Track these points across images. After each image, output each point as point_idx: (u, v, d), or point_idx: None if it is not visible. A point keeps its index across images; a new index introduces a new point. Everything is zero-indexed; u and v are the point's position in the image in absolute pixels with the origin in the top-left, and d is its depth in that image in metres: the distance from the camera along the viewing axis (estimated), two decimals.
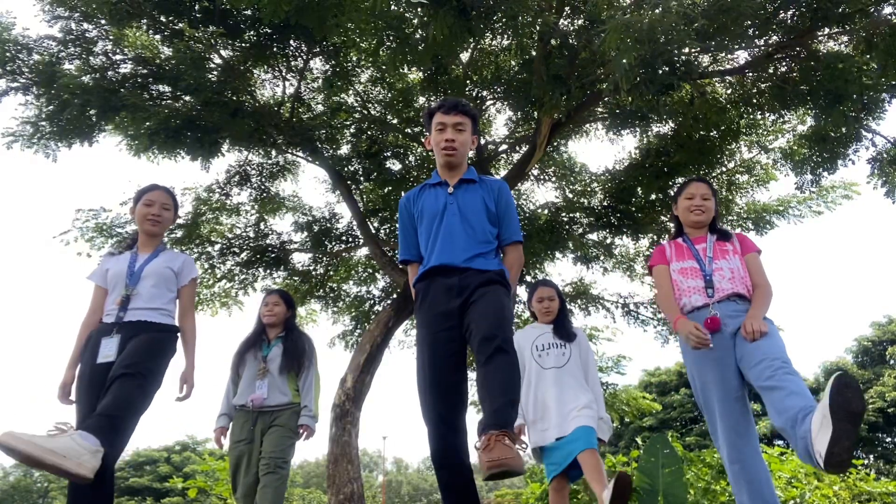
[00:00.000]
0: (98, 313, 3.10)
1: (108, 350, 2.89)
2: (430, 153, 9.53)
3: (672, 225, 10.07)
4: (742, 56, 7.38)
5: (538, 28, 6.11)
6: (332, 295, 10.75)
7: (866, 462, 25.18)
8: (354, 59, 8.34)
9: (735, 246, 3.04)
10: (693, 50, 6.06)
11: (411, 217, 2.75)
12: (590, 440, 3.32)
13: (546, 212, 9.78)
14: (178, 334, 3.13)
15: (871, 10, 5.88)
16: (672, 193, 9.05)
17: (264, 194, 9.76)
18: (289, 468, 3.85)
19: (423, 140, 3.48)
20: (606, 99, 7.66)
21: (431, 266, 2.56)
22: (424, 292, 2.56)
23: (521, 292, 9.76)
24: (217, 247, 9.33)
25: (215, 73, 7.50)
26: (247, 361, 3.98)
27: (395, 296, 9.43)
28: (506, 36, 7.11)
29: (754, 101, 7.59)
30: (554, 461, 3.42)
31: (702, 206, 3.07)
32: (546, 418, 3.51)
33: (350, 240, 10.26)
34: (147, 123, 6.98)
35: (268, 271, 9.88)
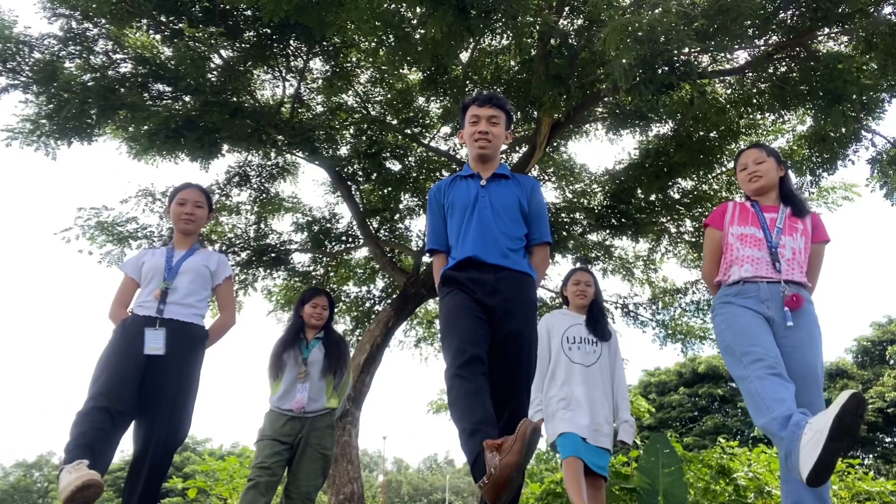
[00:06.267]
0: (127, 306, 3.15)
1: (156, 342, 2.93)
2: (431, 155, 9.53)
3: (672, 227, 9.91)
4: (742, 56, 7.38)
5: (538, 28, 6.11)
6: (332, 295, 10.75)
7: (866, 462, 25.17)
8: (354, 59, 8.34)
9: (806, 226, 2.80)
10: (693, 50, 6.06)
11: (441, 207, 2.71)
12: (606, 470, 3.52)
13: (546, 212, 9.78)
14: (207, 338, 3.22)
15: (871, 10, 5.87)
16: (672, 194, 9.10)
17: (264, 195, 9.76)
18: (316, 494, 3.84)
19: (457, 135, 3.48)
20: (607, 99, 7.66)
21: (465, 258, 2.51)
22: (455, 280, 2.51)
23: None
24: (217, 247, 9.33)
25: (215, 73, 7.50)
26: (286, 364, 3.87)
27: (395, 296, 9.43)
28: (505, 36, 7.11)
29: (754, 101, 7.58)
30: (580, 452, 3.44)
31: (756, 171, 2.85)
32: (575, 409, 3.52)
33: (350, 240, 10.26)
34: (147, 125, 6.98)
35: (268, 271, 9.87)
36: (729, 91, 7.98)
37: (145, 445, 2.88)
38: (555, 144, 9.43)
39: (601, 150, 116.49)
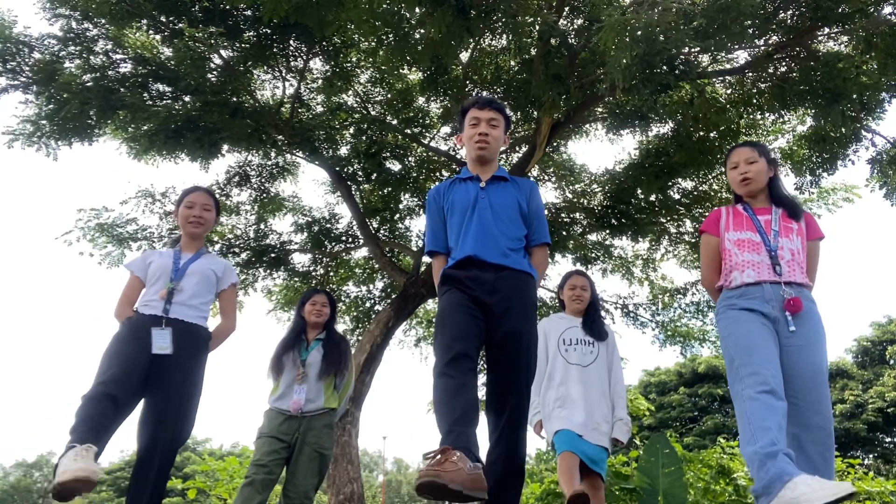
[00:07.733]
0: (133, 305, 3.16)
1: (164, 342, 2.96)
2: (431, 155, 9.53)
3: (672, 227, 9.86)
4: (742, 56, 7.38)
5: (538, 27, 6.11)
6: (332, 295, 10.74)
7: (866, 462, 25.17)
8: (354, 59, 8.34)
9: (801, 226, 2.77)
10: (692, 49, 6.06)
11: (440, 210, 2.75)
12: (604, 468, 3.51)
13: (546, 212, 9.76)
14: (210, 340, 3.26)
15: (871, 10, 5.87)
16: (672, 194, 9.10)
17: (264, 195, 9.76)
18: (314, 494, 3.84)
19: (454, 138, 3.51)
20: (607, 99, 7.65)
21: (465, 257, 2.53)
22: (455, 278, 2.53)
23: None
24: (217, 247, 9.33)
25: (215, 73, 7.50)
26: (285, 365, 3.88)
27: (395, 296, 9.43)
28: (505, 35, 7.12)
29: (754, 101, 7.58)
30: (575, 447, 3.44)
31: (747, 172, 2.78)
32: (570, 408, 3.53)
33: (350, 240, 10.27)
34: (147, 125, 6.98)
35: (268, 272, 9.88)
36: (729, 91, 7.98)
37: (151, 445, 2.89)
38: (555, 144, 9.43)
39: (601, 150, 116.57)
